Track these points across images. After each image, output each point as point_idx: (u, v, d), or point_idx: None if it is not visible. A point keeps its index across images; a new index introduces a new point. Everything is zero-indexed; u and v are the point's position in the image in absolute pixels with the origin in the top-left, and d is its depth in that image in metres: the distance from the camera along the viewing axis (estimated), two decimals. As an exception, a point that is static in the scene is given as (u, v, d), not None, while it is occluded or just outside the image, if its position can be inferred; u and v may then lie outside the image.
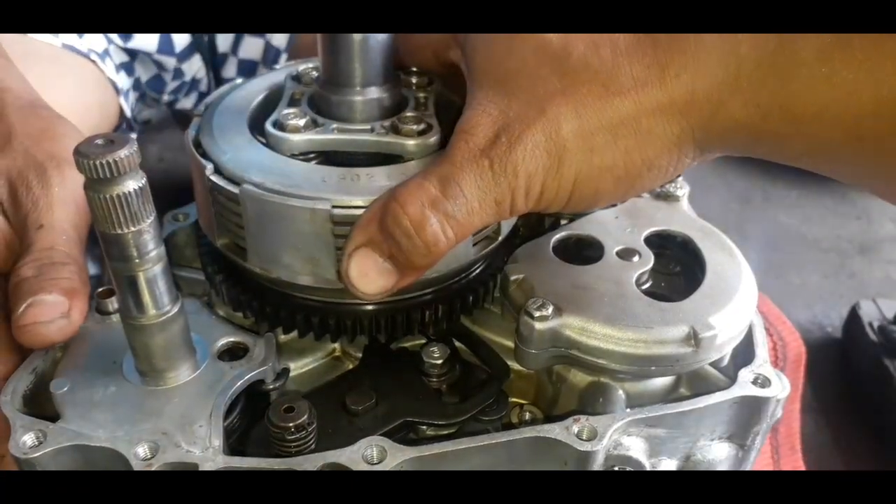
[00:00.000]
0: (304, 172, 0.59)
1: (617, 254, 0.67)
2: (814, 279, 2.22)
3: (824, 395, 1.80)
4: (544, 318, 0.60)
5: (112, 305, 0.63)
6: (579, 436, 0.56)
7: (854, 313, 1.86)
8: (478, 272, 0.68)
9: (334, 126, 0.63)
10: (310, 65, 0.72)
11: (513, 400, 0.68)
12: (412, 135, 0.62)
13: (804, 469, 1.14)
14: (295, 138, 0.62)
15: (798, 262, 2.28)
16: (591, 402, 0.64)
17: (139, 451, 0.52)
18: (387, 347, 0.68)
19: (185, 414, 0.55)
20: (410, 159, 0.61)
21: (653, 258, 0.68)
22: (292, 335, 0.68)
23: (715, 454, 0.64)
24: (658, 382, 0.66)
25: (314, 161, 0.63)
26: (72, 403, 0.56)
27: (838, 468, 1.66)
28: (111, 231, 0.49)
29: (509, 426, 0.65)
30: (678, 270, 0.72)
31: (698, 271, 0.67)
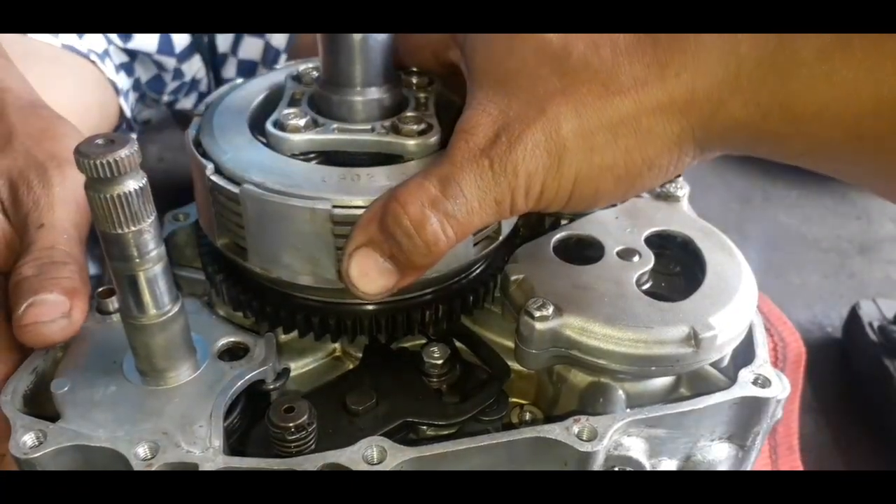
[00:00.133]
0: (304, 172, 0.59)
1: (617, 254, 0.67)
2: (814, 279, 2.22)
3: (824, 395, 1.80)
4: (544, 319, 0.60)
5: (112, 305, 0.63)
6: (579, 436, 0.56)
7: (854, 313, 1.86)
8: (478, 272, 0.68)
9: (335, 126, 0.63)
10: (310, 65, 0.72)
11: (513, 400, 0.68)
12: (412, 135, 0.62)
13: (802, 469, 1.14)
14: (295, 138, 0.62)
15: (798, 262, 2.28)
16: (591, 402, 0.64)
17: (139, 451, 0.52)
18: (387, 347, 0.68)
19: (185, 414, 0.55)
20: (411, 159, 0.61)
21: (653, 258, 0.68)
22: (292, 335, 0.67)
23: (715, 454, 0.64)
24: (658, 383, 0.66)
25: (314, 161, 0.63)
26: (72, 403, 0.56)
27: (838, 468, 1.65)
28: (111, 231, 0.49)
29: (509, 426, 0.65)
30: (678, 271, 0.72)
31: (698, 271, 0.67)
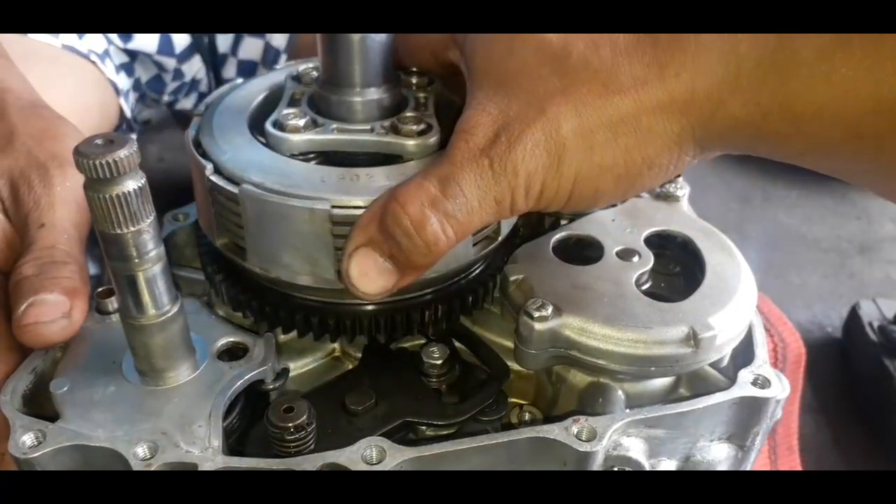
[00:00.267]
0: (303, 172, 0.59)
1: (617, 254, 0.67)
2: (814, 279, 2.22)
3: (824, 395, 1.80)
4: (544, 319, 0.60)
5: (112, 305, 0.63)
6: (579, 436, 0.56)
7: (854, 313, 1.86)
8: (477, 272, 0.68)
9: (334, 126, 0.63)
10: (310, 65, 0.72)
11: (512, 400, 0.68)
12: (412, 135, 0.62)
13: (801, 469, 1.14)
14: (295, 138, 0.62)
15: (798, 262, 2.28)
16: (590, 402, 0.64)
17: (138, 451, 0.52)
18: (386, 347, 0.68)
19: (184, 414, 0.55)
20: (410, 159, 0.61)
21: (652, 258, 0.67)
22: (292, 335, 0.67)
23: (714, 455, 0.64)
24: (657, 383, 0.66)
25: (314, 161, 0.63)
26: (71, 403, 0.56)
27: (838, 468, 1.65)
28: (111, 231, 0.49)
29: (509, 426, 0.65)
30: (678, 271, 0.72)
31: (698, 272, 0.67)
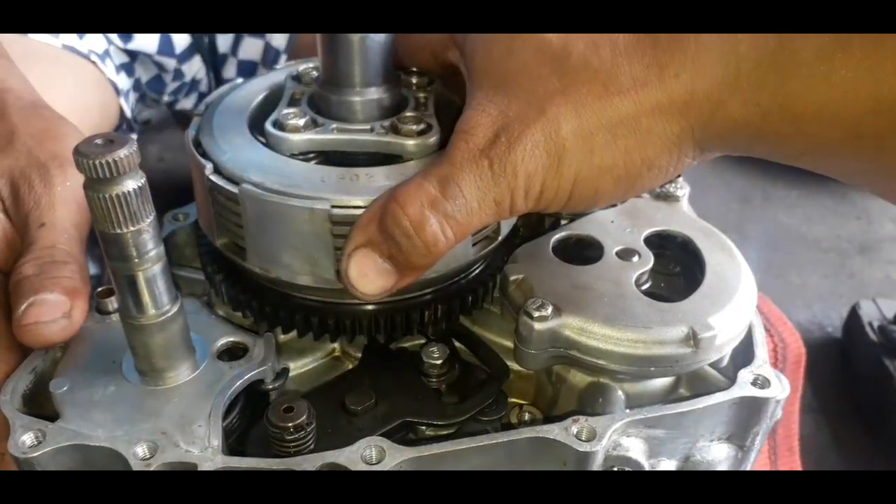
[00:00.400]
0: (303, 172, 0.59)
1: (617, 254, 0.67)
2: (814, 279, 2.22)
3: (824, 395, 1.80)
4: (543, 319, 0.60)
5: (112, 305, 0.63)
6: (578, 436, 0.56)
7: (854, 313, 1.87)
8: (477, 272, 0.68)
9: (334, 126, 0.63)
10: (310, 65, 0.72)
11: (512, 400, 0.68)
12: (412, 135, 0.62)
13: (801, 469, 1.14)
14: (295, 138, 0.62)
15: (798, 262, 2.28)
16: (590, 402, 0.64)
17: (138, 451, 0.52)
18: (386, 347, 0.68)
19: (184, 414, 0.55)
20: (410, 159, 0.61)
21: (652, 258, 0.67)
22: (292, 335, 0.67)
23: (714, 455, 0.64)
24: (657, 383, 0.66)
25: (314, 161, 0.63)
26: (71, 403, 0.56)
27: (838, 468, 1.65)
28: (110, 231, 0.49)
29: (509, 426, 0.65)
30: (678, 271, 0.72)
31: (698, 272, 0.67)
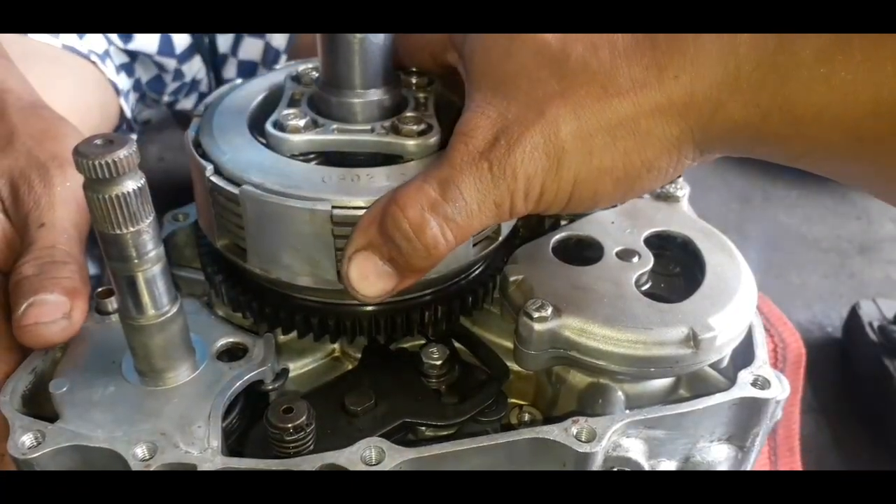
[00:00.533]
0: (303, 173, 0.59)
1: (616, 255, 0.67)
2: (814, 279, 2.22)
3: (824, 395, 1.80)
4: (543, 319, 0.60)
5: (111, 305, 0.63)
6: (578, 437, 0.56)
7: (854, 313, 1.87)
8: (477, 273, 0.68)
9: (334, 126, 0.63)
10: (309, 65, 0.72)
11: (512, 401, 0.68)
12: (412, 135, 0.62)
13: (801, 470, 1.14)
14: (295, 139, 0.62)
15: (798, 262, 2.28)
16: (590, 403, 0.64)
17: (137, 452, 0.52)
18: (386, 348, 0.68)
19: (183, 414, 0.55)
20: (410, 160, 0.61)
21: (652, 259, 0.67)
22: (292, 336, 0.67)
23: (714, 456, 0.64)
24: (657, 384, 0.66)
25: (314, 161, 0.63)
26: (71, 403, 0.56)
27: (838, 468, 1.66)
28: (110, 231, 0.49)
29: (508, 427, 0.65)
30: (678, 271, 0.72)
31: (698, 272, 0.67)
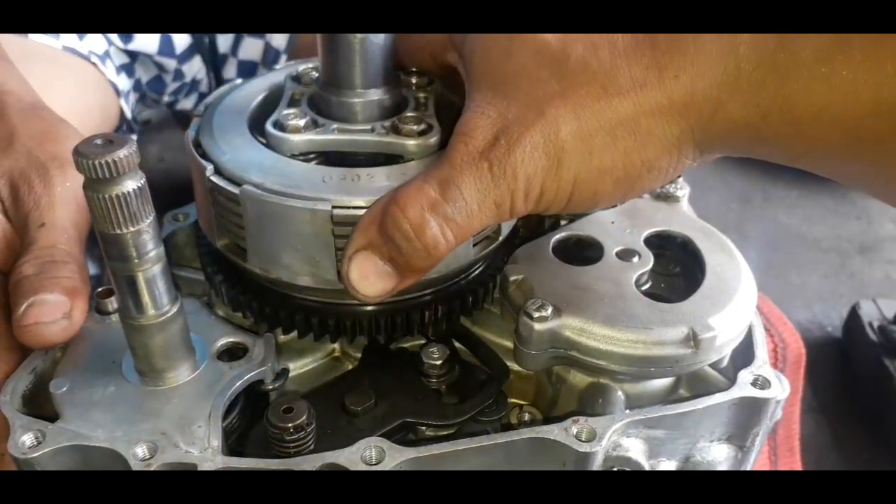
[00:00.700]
0: (304, 173, 0.59)
1: (616, 254, 0.67)
2: (814, 279, 2.22)
3: (824, 395, 1.80)
4: (543, 319, 0.60)
5: (112, 305, 0.63)
6: (578, 437, 0.56)
7: (854, 313, 1.87)
8: (477, 273, 0.68)
9: (334, 126, 0.63)
10: (310, 65, 0.72)
11: (512, 401, 0.68)
12: (412, 135, 0.62)
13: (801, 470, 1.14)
14: (295, 139, 0.62)
15: (798, 262, 2.28)
16: (590, 403, 0.64)
17: (138, 452, 0.52)
18: (386, 348, 0.68)
19: (184, 414, 0.55)
20: (411, 159, 0.61)
21: (652, 259, 0.67)
22: (292, 335, 0.67)
23: (714, 455, 0.64)
24: (657, 384, 0.66)
25: (314, 161, 0.63)
26: (71, 403, 0.56)
27: (838, 468, 1.66)
28: (110, 231, 0.49)
29: (508, 427, 0.65)
30: (678, 271, 0.72)
31: (698, 272, 0.67)
